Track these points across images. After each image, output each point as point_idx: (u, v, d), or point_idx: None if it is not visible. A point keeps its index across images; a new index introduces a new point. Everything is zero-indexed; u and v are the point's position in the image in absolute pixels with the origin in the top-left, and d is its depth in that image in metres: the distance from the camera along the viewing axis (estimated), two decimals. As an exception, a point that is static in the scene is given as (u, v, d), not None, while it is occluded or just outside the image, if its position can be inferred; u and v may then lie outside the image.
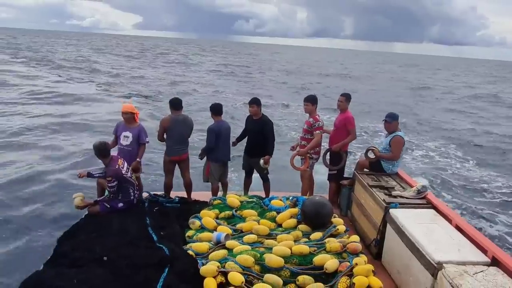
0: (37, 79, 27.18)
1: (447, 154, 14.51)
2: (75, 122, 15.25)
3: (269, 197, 5.74)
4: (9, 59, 40.10)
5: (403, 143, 5.63)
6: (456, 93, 36.66)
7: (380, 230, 4.74)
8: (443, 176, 11.50)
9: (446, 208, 4.65)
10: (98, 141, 5.25)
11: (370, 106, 24.00)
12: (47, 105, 18.46)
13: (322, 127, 5.97)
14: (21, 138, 12.34)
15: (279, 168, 9.01)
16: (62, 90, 22.58)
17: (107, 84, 27.40)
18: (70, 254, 4.13)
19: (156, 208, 5.44)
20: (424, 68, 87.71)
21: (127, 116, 5.70)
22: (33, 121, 14.83)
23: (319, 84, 36.39)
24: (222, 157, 6.03)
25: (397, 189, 5.16)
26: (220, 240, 4.39)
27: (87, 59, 47.58)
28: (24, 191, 8.57)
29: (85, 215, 5.30)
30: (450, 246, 3.79)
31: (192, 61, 57.89)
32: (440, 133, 18.21)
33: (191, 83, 31.52)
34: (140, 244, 4.35)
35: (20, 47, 60.05)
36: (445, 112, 25.25)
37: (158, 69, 42.28)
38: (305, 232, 4.71)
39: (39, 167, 10.03)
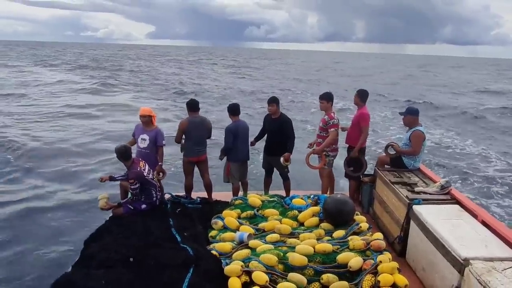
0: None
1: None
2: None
3: (290, 196, 5.74)
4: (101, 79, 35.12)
5: (424, 137, 5.55)
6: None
7: (404, 227, 4.69)
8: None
9: (471, 203, 4.57)
10: (119, 145, 5.35)
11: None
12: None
13: (337, 125, 5.94)
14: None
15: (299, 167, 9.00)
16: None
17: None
18: (97, 256, 4.22)
19: (179, 209, 5.50)
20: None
21: (145, 119, 5.79)
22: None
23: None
24: (241, 157, 6.07)
25: (419, 185, 5.10)
26: (243, 239, 4.42)
27: (176, 73, 44.56)
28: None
29: (109, 217, 5.40)
30: (476, 242, 3.72)
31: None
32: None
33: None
34: (165, 244, 4.41)
35: (84, 63, 54.62)
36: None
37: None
38: (327, 230, 4.69)
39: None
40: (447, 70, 72.95)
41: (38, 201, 8.70)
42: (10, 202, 8.61)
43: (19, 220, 7.80)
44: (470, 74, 61.78)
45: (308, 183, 7.94)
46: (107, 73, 41.62)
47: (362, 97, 6.10)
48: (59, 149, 12.59)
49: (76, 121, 17.25)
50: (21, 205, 8.45)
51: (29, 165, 10.99)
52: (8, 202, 8.60)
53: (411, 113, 5.68)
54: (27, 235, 7.16)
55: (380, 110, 22.27)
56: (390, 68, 71.98)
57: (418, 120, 5.69)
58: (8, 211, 8.15)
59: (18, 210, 8.21)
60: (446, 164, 12.52)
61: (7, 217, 7.92)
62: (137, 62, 61.81)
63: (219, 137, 6.03)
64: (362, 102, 6.09)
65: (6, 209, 8.23)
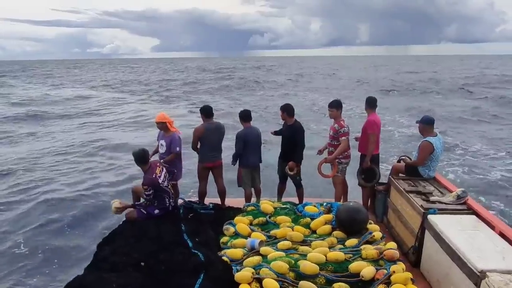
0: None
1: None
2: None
3: (303, 203, 5.71)
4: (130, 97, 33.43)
5: (431, 149, 5.43)
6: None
7: (418, 237, 4.60)
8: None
9: (489, 214, 4.46)
10: (138, 149, 5.41)
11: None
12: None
13: (347, 133, 5.88)
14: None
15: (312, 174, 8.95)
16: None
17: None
18: (109, 259, 4.26)
19: (191, 215, 5.52)
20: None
21: (160, 126, 5.89)
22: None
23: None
24: (251, 163, 6.06)
25: (435, 194, 5.00)
26: (254, 246, 4.40)
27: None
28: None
29: (123, 221, 5.45)
30: (494, 254, 3.62)
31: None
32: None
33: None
34: (176, 250, 4.44)
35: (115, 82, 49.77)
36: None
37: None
38: (340, 238, 4.64)
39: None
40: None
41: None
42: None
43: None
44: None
45: (321, 190, 7.88)
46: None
47: (370, 104, 6.05)
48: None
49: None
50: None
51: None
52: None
53: (423, 121, 5.60)
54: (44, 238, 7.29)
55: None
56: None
57: (431, 129, 5.59)
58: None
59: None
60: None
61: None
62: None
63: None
64: (370, 108, 6.05)
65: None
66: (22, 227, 7.70)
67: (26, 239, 7.23)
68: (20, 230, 7.61)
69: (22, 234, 7.42)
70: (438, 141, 5.50)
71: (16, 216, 8.27)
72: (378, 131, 6.00)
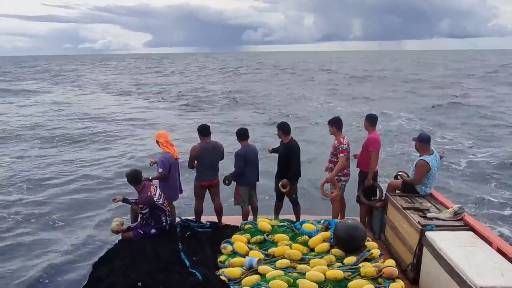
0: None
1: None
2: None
3: (300, 221, 5.69)
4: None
5: (427, 168, 5.47)
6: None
7: (416, 253, 4.59)
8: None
9: (486, 230, 4.47)
10: (130, 169, 5.45)
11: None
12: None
13: (346, 150, 5.91)
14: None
15: (310, 191, 8.95)
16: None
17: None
18: (105, 280, 4.21)
19: (188, 233, 5.49)
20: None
21: (157, 144, 5.96)
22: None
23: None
24: (250, 181, 6.07)
25: (432, 210, 5.02)
26: (252, 265, 4.37)
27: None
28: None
29: (119, 240, 5.41)
30: (492, 270, 3.63)
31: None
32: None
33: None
34: (173, 269, 4.40)
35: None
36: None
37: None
38: (338, 256, 4.63)
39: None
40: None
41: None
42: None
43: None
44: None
45: (318, 207, 7.87)
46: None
47: (371, 121, 6.10)
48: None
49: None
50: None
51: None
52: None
53: (420, 139, 5.64)
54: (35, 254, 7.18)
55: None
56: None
57: (428, 147, 5.63)
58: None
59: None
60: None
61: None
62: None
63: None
64: (371, 126, 6.09)
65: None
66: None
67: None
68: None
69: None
70: (434, 159, 5.55)
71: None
72: (379, 148, 6.04)
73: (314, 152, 12.97)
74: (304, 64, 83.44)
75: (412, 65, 72.43)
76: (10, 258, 7.02)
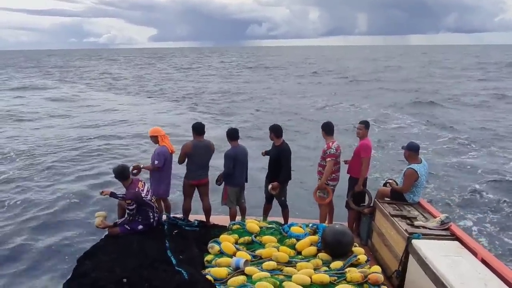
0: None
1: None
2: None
3: (289, 224, 5.70)
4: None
5: (416, 177, 5.53)
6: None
7: (402, 261, 4.63)
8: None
9: (471, 240, 4.52)
10: (117, 164, 5.40)
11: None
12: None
13: (334, 155, 5.94)
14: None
15: (299, 194, 8.94)
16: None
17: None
18: (90, 275, 4.16)
19: (176, 231, 5.45)
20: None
21: (152, 139, 5.94)
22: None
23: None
24: (239, 182, 6.06)
25: (419, 219, 5.06)
26: (239, 265, 4.36)
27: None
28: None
29: (105, 235, 5.35)
30: (476, 281, 3.67)
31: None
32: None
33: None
34: (159, 267, 4.37)
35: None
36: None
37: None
38: (325, 260, 4.65)
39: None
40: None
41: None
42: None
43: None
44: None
45: (307, 211, 7.88)
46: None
47: (367, 128, 6.15)
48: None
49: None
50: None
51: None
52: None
53: (409, 148, 5.71)
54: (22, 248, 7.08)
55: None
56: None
57: (416, 156, 5.69)
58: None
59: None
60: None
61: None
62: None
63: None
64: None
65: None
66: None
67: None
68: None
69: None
70: (422, 168, 5.61)
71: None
72: (370, 154, 6.09)
73: (308, 155, 12.87)
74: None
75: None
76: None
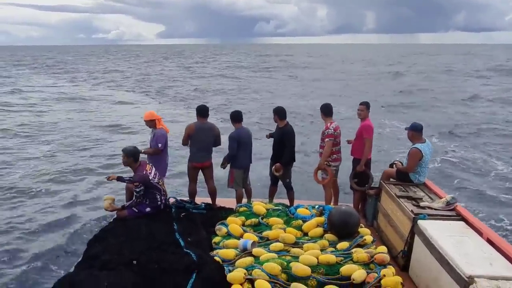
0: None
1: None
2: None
3: (295, 205, 5.74)
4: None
5: (420, 156, 5.52)
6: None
7: (408, 241, 4.67)
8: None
9: (477, 220, 4.55)
10: (127, 146, 5.40)
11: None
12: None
13: (331, 135, 5.95)
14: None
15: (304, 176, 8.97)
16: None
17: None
18: (100, 257, 4.23)
19: (183, 214, 5.51)
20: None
21: (149, 124, 5.98)
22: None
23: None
24: (244, 163, 6.09)
25: (425, 200, 5.08)
26: (246, 247, 4.41)
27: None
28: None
29: (113, 218, 5.43)
30: (481, 260, 3.70)
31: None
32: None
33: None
34: (168, 249, 4.43)
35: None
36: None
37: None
38: (331, 241, 4.68)
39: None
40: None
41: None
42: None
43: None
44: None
45: (313, 193, 7.92)
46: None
47: (368, 109, 6.14)
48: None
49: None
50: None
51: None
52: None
53: (412, 128, 5.71)
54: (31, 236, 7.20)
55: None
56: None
57: (420, 136, 5.68)
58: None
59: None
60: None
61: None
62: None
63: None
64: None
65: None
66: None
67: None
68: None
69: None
70: (426, 147, 5.60)
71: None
72: (372, 135, 6.08)
73: (312, 138, 12.81)
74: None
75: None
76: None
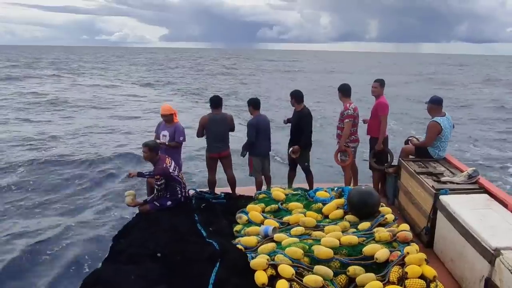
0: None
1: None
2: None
3: (314, 189, 5.72)
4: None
5: (439, 129, 5.40)
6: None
7: (430, 217, 4.61)
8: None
9: (501, 192, 4.45)
10: (149, 141, 5.46)
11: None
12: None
13: (351, 115, 5.89)
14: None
15: (322, 159, 8.95)
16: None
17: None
18: (126, 251, 4.33)
19: (204, 205, 5.57)
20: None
21: (166, 118, 5.97)
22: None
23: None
24: (263, 151, 6.10)
25: (446, 174, 5.00)
26: (268, 233, 4.43)
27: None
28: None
29: (136, 214, 5.53)
30: (507, 232, 3.63)
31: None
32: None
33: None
34: (191, 240, 4.49)
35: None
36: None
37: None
38: (352, 222, 4.66)
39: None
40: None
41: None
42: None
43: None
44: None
45: (331, 175, 7.90)
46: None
47: (382, 86, 6.04)
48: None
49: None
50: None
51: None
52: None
53: (432, 101, 5.59)
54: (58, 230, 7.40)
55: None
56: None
57: (439, 109, 5.56)
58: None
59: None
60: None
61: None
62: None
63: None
64: (381, 88, 6.04)
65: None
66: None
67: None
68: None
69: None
70: (446, 121, 5.48)
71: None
72: (388, 112, 6.00)
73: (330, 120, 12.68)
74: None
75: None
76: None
